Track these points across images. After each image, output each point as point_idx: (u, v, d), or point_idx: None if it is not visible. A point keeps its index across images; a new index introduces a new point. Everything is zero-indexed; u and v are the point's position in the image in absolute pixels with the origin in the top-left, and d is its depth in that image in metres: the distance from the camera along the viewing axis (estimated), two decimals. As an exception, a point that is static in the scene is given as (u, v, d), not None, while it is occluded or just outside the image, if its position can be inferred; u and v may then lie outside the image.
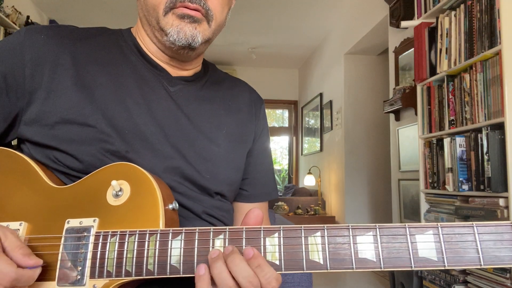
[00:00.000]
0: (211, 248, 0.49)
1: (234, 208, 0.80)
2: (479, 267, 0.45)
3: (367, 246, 0.47)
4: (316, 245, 0.48)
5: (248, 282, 0.46)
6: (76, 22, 4.24)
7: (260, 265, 0.47)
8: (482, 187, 1.62)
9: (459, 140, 1.75)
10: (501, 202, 1.53)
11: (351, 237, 0.48)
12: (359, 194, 4.00)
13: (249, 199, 0.79)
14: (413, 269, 0.46)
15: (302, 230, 0.49)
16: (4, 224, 0.55)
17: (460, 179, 1.74)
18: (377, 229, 0.48)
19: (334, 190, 4.31)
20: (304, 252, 0.48)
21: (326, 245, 0.48)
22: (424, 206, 2.05)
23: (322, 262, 0.47)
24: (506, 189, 1.51)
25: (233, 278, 0.46)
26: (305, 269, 0.47)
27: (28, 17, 3.68)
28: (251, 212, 0.52)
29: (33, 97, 0.61)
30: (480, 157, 1.63)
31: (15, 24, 3.42)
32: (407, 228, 0.47)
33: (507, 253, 0.45)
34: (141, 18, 0.69)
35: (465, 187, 1.72)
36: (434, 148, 1.97)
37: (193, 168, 0.66)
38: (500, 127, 1.56)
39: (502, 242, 0.45)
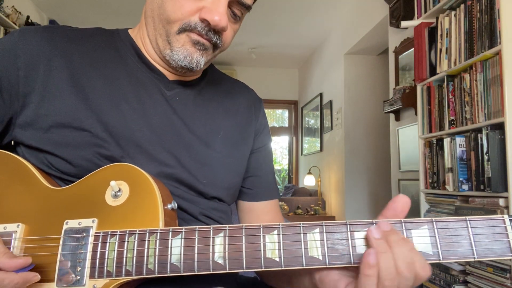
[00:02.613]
0: (211, 246, 0.49)
1: (238, 208, 0.80)
2: (472, 260, 0.47)
3: (364, 241, 0.48)
4: (315, 242, 0.49)
5: (407, 269, 0.43)
6: (76, 22, 4.25)
7: (412, 249, 0.45)
8: (482, 187, 1.62)
9: (459, 140, 1.75)
10: (501, 202, 1.53)
11: (349, 233, 0.49)
12: (359, 194, 4.00)
13: (254, 198, 0.78)
14: None
15: (301, 227, 0.50)
16: (2, 226, 0.55)
17: (460, 179, 1.74)
18: (374, 224, 0.49)
19: (334, 190, 4.31)
20: (303, 249, 0.49)
21: (325, 241, 0.49)
22: (424, 206, 2.05)
23: (321, 258, 0.48)
24: (506, 189, 1.51)
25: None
26: (304, 265, 0.48)
27: (28, 17, 3.68)
28: (399, 198, 0.49)
29: (27, 100, 0.61)
30: (480, 157, 1.63)
31: (15, 24, 3.41)
32: (403, 223, 0.49)
33: (499, 245, 0.47)
34: (147, 17, 0.67)
35: (465, 187, 1.72)
36: (434, 148, 1.97)
37: (189, 173, 0.65)
38: (500, 127, 1.56)
39: (494, 235, 0.47)
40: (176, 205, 0.57)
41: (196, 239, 0.50)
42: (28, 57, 0.61)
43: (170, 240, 0.50)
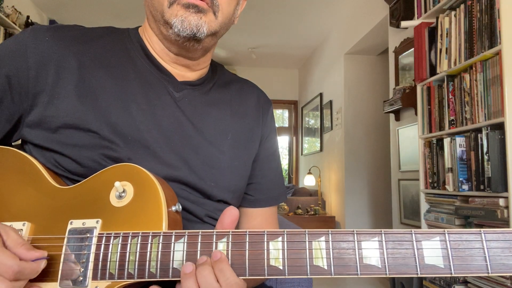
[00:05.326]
0: (213, 251, 0.49)
1: (239, 213, 0.79)
2: (486, 275, 0.44)
3: (372, 252, 0.46)
4: (320, 250, 0.47)
5: None
6: (76, 22, 4.23)
7: (222, 269, 0.47)
8: (482, 187, 1.62)
9: (459, 140, 1.76)
10: (501, 202, 1.53)
11: (356, 242, 0.47)
12: (359, 194, 4.00)
13: (254, 204, 0.77)
14: (419, 276, 0.45)
15: (306, 235, 0.48)
16: (8, 224, 0.55)
17: (460, 179, 1.74)
18: (383, 234, 0.47)
19: (334, 190, 4.31)
20: (308, 258, 0.47)
21: (331, 250, 0.47)
22: (424, 206, 2.05)
23: (326, 268, 0.46)
24: (506, 189, 1.51)
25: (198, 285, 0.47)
26: (308, 274, 0.47)
27: (28, 17, 3.68)
28: (227, 210, 0.52)
29: (37, 100, 0.61)
30: (480, 157, 1.63)
31: (15, 24, 3.41)
32: (413, 234, 0.46)
33: None
34: (148, 15, 0.68)
35: (465, 187, 1.72)
36: (434, 148, 1.97)
37: (196, 175, 0.65)
38: (500, 127, 1.56)
39: (510, 249, 0.45)
40: (180, 207, 0.57)
41: (199, 243, 0.49)
42: (38, 57, 0.61)
43: (172, 244, 0.50)
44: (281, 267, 0.47)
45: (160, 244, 0.50)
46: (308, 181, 4.71)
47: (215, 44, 0.71)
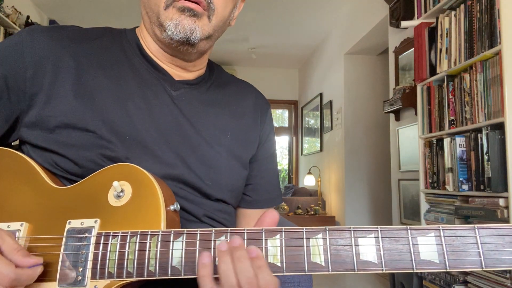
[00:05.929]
0: (212, 250, 0.49)
1: (237, 214, 0.79)
2: (480, 269, 0.45)
3: (368, 248, 0.47)
4: (317, 247, 0.48)
5: (248, 284, 0.46)
6: (76, 22, 4.23)
7: (261, 267, 0.46)
8: (482, 187, 1.62)
9: (459, 140, 1.76)
10: (501, 202, 1.53)
11: (352, 239, 0.48)
12: (359, 194, 4.00)
13: (252, 205, 0.77)
14: (414, 271, 0.46)
15: (304, 232, 0.49)
16: (5, 224, 0.55)
17: (460, 179, 1.74)
18: (379, 231, 0.48)
19: (334, 190, 4.31)
20: (305, 254, 0.48)
21: (328, 247, 0.48)
22: (424, 206, 2.05)
23: (323, 264, 0.47)
24: (506, 189, 1.51)
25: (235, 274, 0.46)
26: (306, 271, 0.47)
27: (28, 17, 3.68)
28: (269, 212, 0.52)
29: (34, 100, 0.61)
30: (480, 157, 1.63)
31: (15, 24, 3.42)
32: (408, 231, 0.47)
33: (508, 255, 0.45)
34: (143, 16, 0.68)
35: (465, 187, 1.72)
36: (434, 148, 1.97)
37: (194, 174, 0.65)
38: (500, 127, 1.56)
39: (503, 244, 0.45)
40: (178, 206, 0.57)
41: (198, 242, 0.50)
42: (35, 58, 0.61)
43: (171, 242, 0.50)
44: (279, 264, 0.48)
45: (159, 243, 0.50)
46: (308, 181, 4.71)
47: (211, 46, 0.71)
